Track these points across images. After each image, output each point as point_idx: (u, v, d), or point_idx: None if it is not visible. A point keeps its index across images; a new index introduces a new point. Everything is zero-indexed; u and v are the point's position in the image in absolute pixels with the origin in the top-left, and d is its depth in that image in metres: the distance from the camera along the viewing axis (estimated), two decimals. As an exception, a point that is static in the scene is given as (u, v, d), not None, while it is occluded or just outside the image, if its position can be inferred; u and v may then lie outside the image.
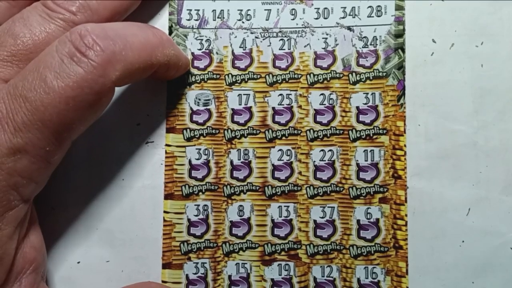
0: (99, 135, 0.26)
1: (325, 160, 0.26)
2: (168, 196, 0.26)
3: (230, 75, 0.26)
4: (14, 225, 0.21)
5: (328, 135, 0.26)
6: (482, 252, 0.25)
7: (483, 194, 0.25)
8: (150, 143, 0.26)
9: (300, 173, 0.26)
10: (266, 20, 0.27)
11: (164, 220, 0.26)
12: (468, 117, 0.25)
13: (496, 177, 0.25)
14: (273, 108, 0.26)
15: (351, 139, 0.26)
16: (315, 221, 0.26)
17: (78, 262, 0.26)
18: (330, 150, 0.26)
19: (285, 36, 0.26)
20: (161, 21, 0.27)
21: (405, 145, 0.25)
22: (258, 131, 0.26)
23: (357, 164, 0.26)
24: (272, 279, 0.26)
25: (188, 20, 0.27)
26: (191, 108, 0.26)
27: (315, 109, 0.26)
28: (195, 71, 0.26)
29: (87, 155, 0.26)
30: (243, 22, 0.27)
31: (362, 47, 0.26)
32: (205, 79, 0.26)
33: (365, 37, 0.26)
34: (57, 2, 0.23)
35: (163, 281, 0.25)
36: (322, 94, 0.26)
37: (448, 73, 0.26)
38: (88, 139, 0.26)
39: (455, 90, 0.25)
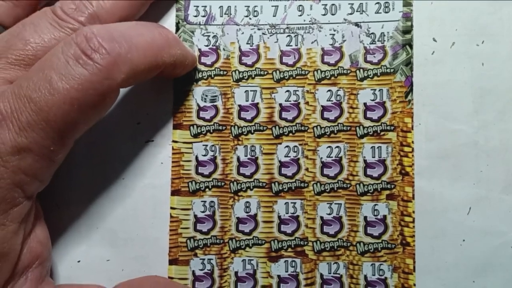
0: (102, 133, 0.26)
1: (332, 157, 0.26)
2: (174, 192, 0.26)
3: (237, 72, 0.26)
4: (18, 221, 0.22)
5: (335, 131, 0.26)
6: (482, 251, 0.25)
7: (483, 193, 0.25)
8: (154, 141, 0.26)
9: (307, 169, 0.26)
10: (273, 16, 0.26)
11: (171, 216, 0.26)
12: (468, 117, 0.25)
13: (496, 177, 0.25)
14: (280, 105, 0.26)
15: (359, 135, 0.26)
16: (322, 217, 0.26)
17: (79, 261, 0.26)
18: (337, 147, 0.26)
19: (292, 33, 0.26)
20: (168, 17, 0.27)
21: (412, 142, 0.25)
22: (265, 128, 0.26)
23: (365, 161, 0.26)
24: (278, 276, 0.25)
25: (195, 16, 0.27)
26: (198, 105, 0.26)
27: (322, 106, 0.26)
28: (202, 68, 0.26)
29: (89, 154, 0.26)
30: (250, 19, 0.27)
31: (370, 43, 0.26)
32: (212, 76, 0.26)
33: (372, 33, 0.26)
34: (66, 11, 0.23)
35: (169, 277, 0.25)
36: (329, 90, 0.26)
37: (448, 73, 0.26)
38: (91, 137, 0.26)
39: (455, 90, 0.25)
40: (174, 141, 0.26)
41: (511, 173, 0.25)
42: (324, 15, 0.26)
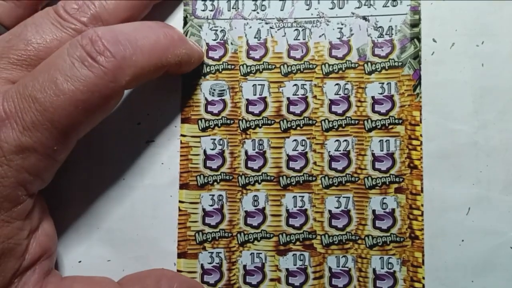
0: (104, 133, 0.26)
1: (340, 150, 0.26)
2: (183, 186, 0.26)
3: (244, 66, 0.26)
4: (22, 218, 0.22)
5: (343, 125, 0.26)
6: (482, 251, 0.25)
7: (483, 193, 0.25)
8: (155, 141, 0.26)
9: (315, 163, 0.26)
10: (281, 10, 0.26)
11: (179, 210, 0.26)
12: (468, 117, 0.25)
13: (496, 177, 0.25)
14: (288, 98, 0.26)
15: (367, 129, 0.26)
16: (330, 211, 0.26)
17: (79, 262, 0.26)
18: (345, 140, 0.26)
19: (300, 26, 0.26)
20: (176, 12, 0.27)
21: (421, 135, 0.25)
22: (272, 121, 0.26)
23: (373, 154, 0.26)
24: (287, 269, 0.25)
25: (203, 10, 0.27)
26: (206, 99, 0.26)
27: (330, 99, 0.26)
28: (209, 62, 0.26)
29: (90, 154, 0.26)
30: (257, 13, 0.27)
31: (378, 37, 0.26)
32: (220, 70, 0.26)
33: (380, 26, 0.26)
34: (68, 11, 0.23)
35: (178, 271, 0.25)
36: (337, 84, 0.26)
37: (448, 73, 0.25)
38: (93, 137, 0.25)
39: (455, 90, 0.25)
40: (182, 135, 0.26)
41: (511, 173, 0.25)
42: (331, 9, 0.26)
